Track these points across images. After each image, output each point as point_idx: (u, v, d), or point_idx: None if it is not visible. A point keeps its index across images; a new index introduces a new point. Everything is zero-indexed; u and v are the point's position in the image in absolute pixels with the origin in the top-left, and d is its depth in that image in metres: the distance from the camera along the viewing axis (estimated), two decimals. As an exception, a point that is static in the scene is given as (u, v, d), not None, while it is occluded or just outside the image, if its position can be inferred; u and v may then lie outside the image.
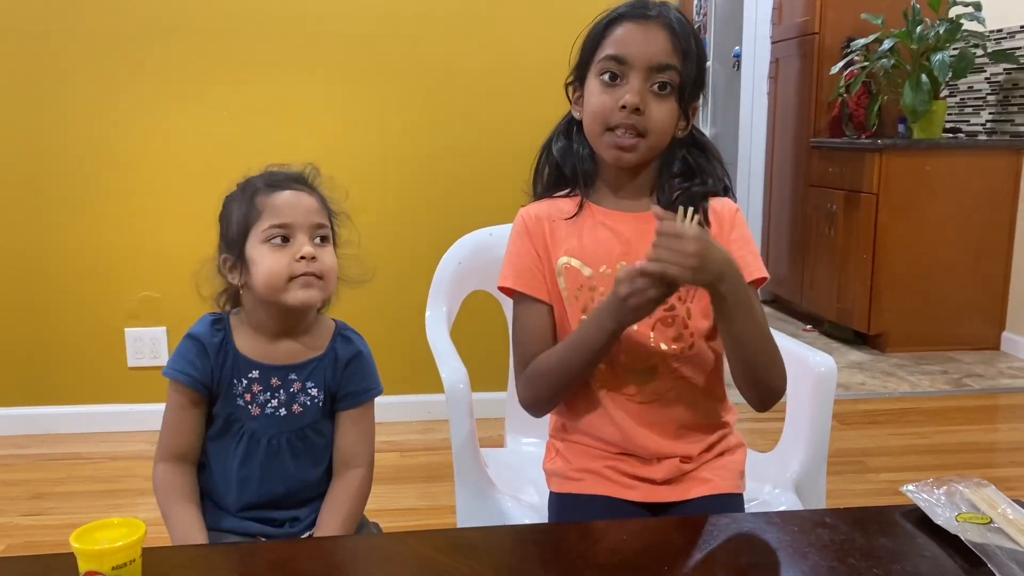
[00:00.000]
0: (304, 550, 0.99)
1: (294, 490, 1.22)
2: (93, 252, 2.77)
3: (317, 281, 1.16)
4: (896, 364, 3.69)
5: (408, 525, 2.16)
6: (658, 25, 1.14)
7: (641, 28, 1.14)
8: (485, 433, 1.46)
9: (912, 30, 3.80)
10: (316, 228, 1.17)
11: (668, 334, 1.18)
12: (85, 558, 0.79)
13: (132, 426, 2.83)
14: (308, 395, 1.21)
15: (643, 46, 1.14)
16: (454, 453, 1.34)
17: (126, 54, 2.69)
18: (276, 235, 1.15)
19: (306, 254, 1.14)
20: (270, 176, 1.22)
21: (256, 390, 1.19)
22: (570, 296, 1.20)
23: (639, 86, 1.14)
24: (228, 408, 1.19)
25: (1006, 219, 3.78)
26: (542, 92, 2.85)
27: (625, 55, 1.14)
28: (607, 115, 1.15)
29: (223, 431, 1.20)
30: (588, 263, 1.20)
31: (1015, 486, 2.42)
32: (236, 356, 1.19)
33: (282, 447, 1.20)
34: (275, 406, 1.20)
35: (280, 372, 1.20)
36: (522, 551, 0.97)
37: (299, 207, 1.17)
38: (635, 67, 1.14)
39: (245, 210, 1.18)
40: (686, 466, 1.20)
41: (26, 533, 2.18)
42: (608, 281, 1.17)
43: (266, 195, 1.17)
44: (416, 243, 2.77)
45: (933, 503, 0.97)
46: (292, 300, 1.15)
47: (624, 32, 1.15)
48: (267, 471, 1.20)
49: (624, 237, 1.19)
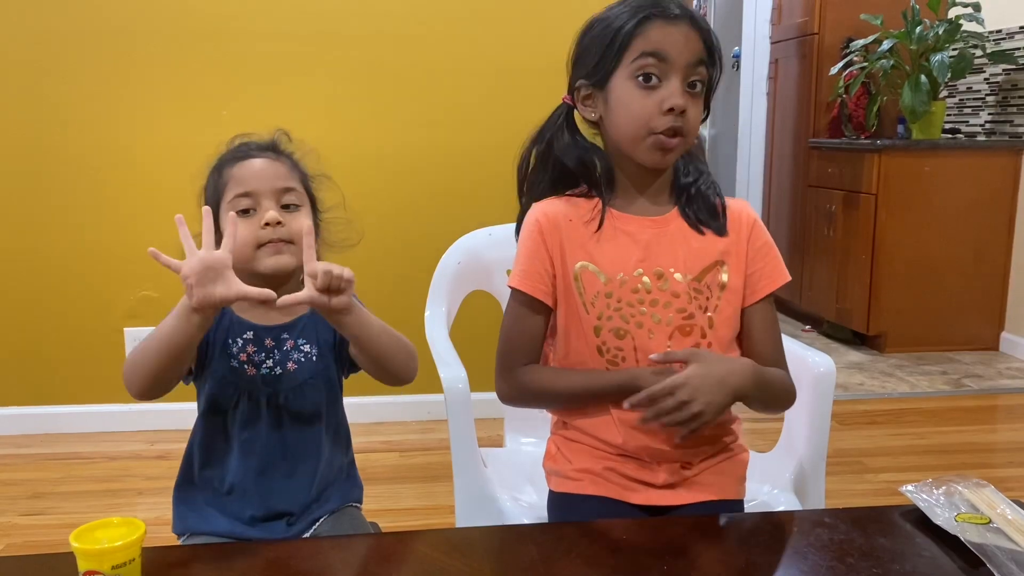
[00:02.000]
0: (302, 550, 0.99)
1: (296, 460, 1.20)
2: (92, 251, 2.77)
3: (287, 246, 1.16)
4: (895, 364, 3.69)
5: (407, 525, 2.16)
6: (687, 24, 1.13)
7: (674, 27, 1.12)
8: (484, 433, 1.46)
9: (911, 31, 3.81)
10: (282, 193, 1.18)
11: (685, 344, 1.17)
12: (85, 557, 0.79)
13: (131, 426, 2.83)
14: (301, 351, 1.22)
15: (681, 44, 1.11)
16: (453, 453, 1.34)
17: (125, 54, 2.69)
18: (241, 206, 1.16)
19: (270, 219, 1.15)
20: (237, 148, 1.24)
21: (251, 351, 1.20)
22: (587, 302, 1.18)
23: (680, 86, 1.12)
24: (223, 370, 1.19)
25: (1005, 220, 3.78)
26: (542, 92, 2.85)
27: (666, 53, 1.11)
28: (650, 119, 1.12)
29: (217, 398, 1.18)
30: (605, 269, 1.17)
31: (1014, 486, 2.42)
32: (231, 318, 1.20)
33: (281, 408, 1.19)
34: (270, 366, 1.20)
35: (273, 332, 1.21)
36: (521, 551, 0.97)
37: (263, 174, 1.18)
38: (675, 66, 1.11)
39: (215, 181, 1.21)
40: (686, 471, 1.20)
41: (25, 533, 2.18)
42: (624, 289, 1.16)
43: (231, 166, 1.19)
44: (415, 243, 2.77)
45: (932, 503, 0.97)
46: (263, 268, 1.16)
47: (658, 31, 1.12)
48: (270, 440, 1.19)
49: (642, 243, 1.18)
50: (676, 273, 1.17)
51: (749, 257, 1.21)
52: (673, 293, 1.16)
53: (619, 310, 1.16)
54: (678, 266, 1.17)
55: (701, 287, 1.18)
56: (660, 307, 1.16)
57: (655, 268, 1.16)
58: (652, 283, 1.16)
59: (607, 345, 1.17)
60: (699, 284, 1.18)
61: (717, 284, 1.19)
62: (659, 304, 1.16)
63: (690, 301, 1.16)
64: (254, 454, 1.20)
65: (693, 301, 1.17)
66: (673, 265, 1.17)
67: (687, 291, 1.16)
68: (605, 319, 1.16)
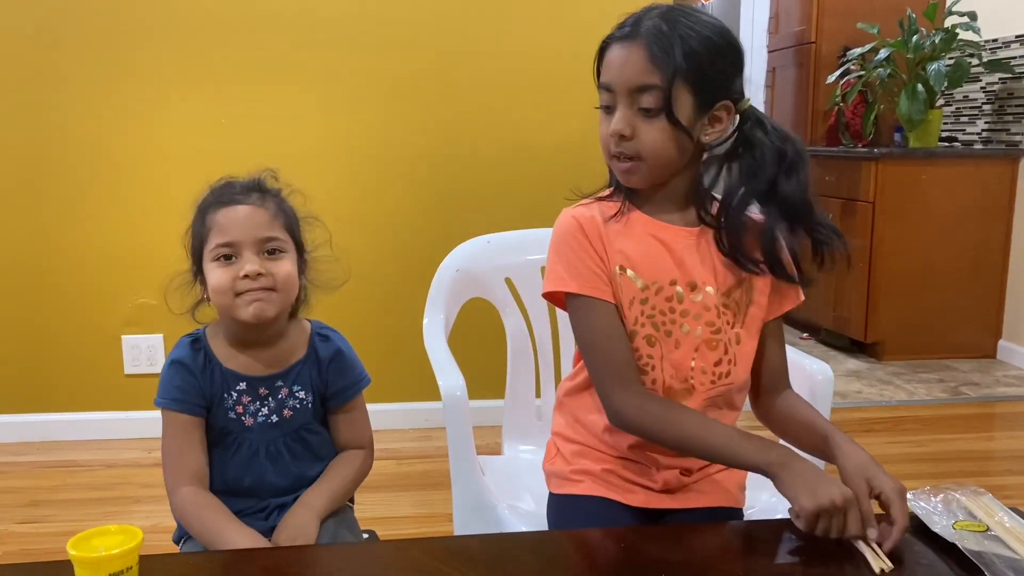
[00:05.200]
0: (300, 557, 0.99)
1: (302, 486, 1.23)
2: (90, 259, 2.77)
3: (268, 294, 1.15)
4: (893, 372, 3.69)
5: (405, 533, 2.16)
6: (635, 43, 1.07)
7: (621, 49, 1.09)
8: (482, 441, 1.46)
9: (908, 40, 3.82)
10: (264, 242, 1.16)
11: (710, 358, 1.15)
12: (82, 565, 0.79)
13: (129, 433, 2.82)
14: (296, 398, 1.22)
15: (621, 69, 1.08)
16: (451, 461, 1.34)
17: (123, 59, 2.69)
18: (221, 254, 1.15)
19: (249, 272, 1.14)
20: (221, 191, 1.21)
21: (246, 401, 1.20)
22: (623, 307, 1.14)
23: (624, 112, 1.09)
24: (221, 422, 1.20)
25: (1002, 228, 3.79)
26: (540, 100, 2.86)
27: (609, 82, 1.10)
28: (606, 144, 1.13)
29: (216, 443, 1.21)
30: (641, 275, 1.14)
31: (1012, 494, 2.42)
32: (222, 371, 1.20)
33: (281, 451, 1.22)
34: (266, 414, 1.21)
35: (266, 381, 1.21)
36: (519, 558, 0.97)
37: (246, 223, 1.16)
38: (619, 93, 1.09)
39: (198, 227, 1.20)
40: (686, 478, 1.19)
41: (22, 541, 2.17)
42: (659, 297, 1.14)
43: (214, 212, 1.18)
44: (413, 251, 2.77)
45: (930, 511, 0.97)
46: (243, 316, 1.15)
47: (610, 57, 1.11)
48: (271, 473, 1.21)
49: (677, 254, 1.14)
50: (708, 286, 1.15)
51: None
52: (704, 306, 1.14)
53: (652, 317, 1.14)
54: (709, 279, 1.15)
55: (730, 302, 1.16)
56: (691, 318, 1.14)
57: (689, 279, 1.14)
58: (685, 294, 1.14)
59: (639, 352, 1.15)
60: (728, 300, 1.16)
61: (746, 300, 1.17)
62: (690, 315, 1.14)
63: (719, 315, 1.15)
64: (253, 485, 1.22)
65: (722, 316, 1.15)
66: (706, 278, 1.15)
67: (717, 305, 1.15)
68: (640, 325, 1.14)
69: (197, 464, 1.18)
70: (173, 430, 1.18)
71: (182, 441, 1.18)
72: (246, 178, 1.23)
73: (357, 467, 1.27)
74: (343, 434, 1.28)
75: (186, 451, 1.18)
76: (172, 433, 1.19)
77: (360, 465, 1.28)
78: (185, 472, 1.17)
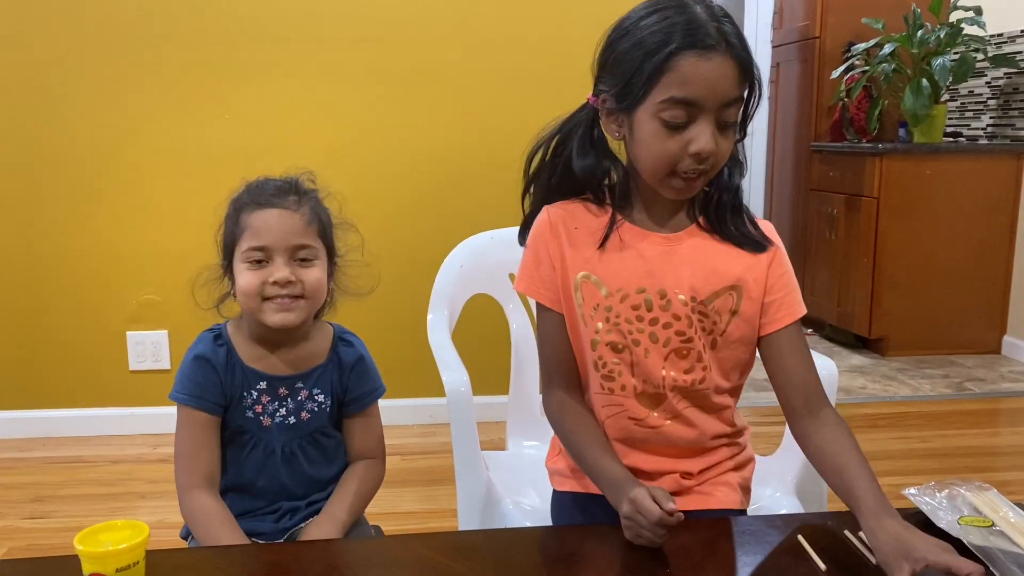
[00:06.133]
0: (306, 552, 0.99)
1: (313, 490, 1.24)
2: (94, 255, 2.77)
3: (294, 302, 1.15)
4: (897, 368, 3.69)
5: (409, 528, 2.16)
6: (724, 55, 1.01)
7: (707, 62, 1.00)
8: (486, 436, 1.47)
9: (913, 34, 3.81)
10: (296, 250, 1.16)
11: (680, 366, 1.13)
12: (89, 560, 0.79)
13: (133, 429, 2.83)
14: (315, 401, 1.23)
15: (713, 85, 1.00)
16: (455, 456, 1.34)
17: (127, 57, 2.69)
18: (253, 257, 1.15)
19: (279, 279, 1.14)
20: (258, 190, 1.19)
21: (265, 401, 1.20)
22: (586, 314, 1.14)
23: (710, 128, 1.02)
24: (238, 420, 1.20)
25: (1007, 223, 3.78)
26: (544, 96, 2.86)
27: (695, 98, 1.01)
28: (674, 160, 1.05)
29: (231, 441, 1.21)
30: (606, 282, 1.12)
31: (1016, 490, 2.42)
32: (244, 369, 1.19)
33: (295, 452, 1.22)
34: (284, 415, 1.21)
35: (287, 382, 1.21)
36: (523, 554, 0.97)
37: (279, 229, 1.15)
38: (705, 109, 1.02)
39: (231, 225, 1.19)
40: (687, 481, 1.18)
41: (28, 536, 2.18)
42: (624, 305, 1.11)
43: (249, 212, 1.16)
44: (418, 247, 2.77)
45: (935, 506, 0.97)
46: (268, 321, 1.16)
47: (690, 69, 1.00)
48: (284, 475, 1.21)
49: (648, 260, 1.12)
50: (680, 295, 1.11)
51: (768, 284, 1.14)
52: (674, 315, 1.11)
53: (617, 325, 1.12)
54: (683, 288, 1.11)
55: (708, 311, 1.12)
56: (659, 327, 1.12)
57: (659, 288, 1.11)
58: (654, 302, 1.11)
59: (603, 359, 1.14)
60: (706, 308, 1.12)
61: (728, 310, 1.13)
62: (658, 324, 1.12)
63: (690, 325, 1.11)
64: (266, 485, 1.22)
65: (695, 324, 1.12)
66: (678, 287, 1.11)
67: (688, 314, 1.11)
68: (603, 332, 1.13)
69: (210, 465, 1.18)
70: (189, 427, 1.18)
71: (197, 439, 1.18)
72: (283, 177, 1.21)
73: (377, 481, 1.29)
74: (358, 440, 1.28)
75: (200, 450, 1.18)
76: (187, 430, 1.18)
77: (378, 478, 1.29)
78: (198, 472, 1.17)
